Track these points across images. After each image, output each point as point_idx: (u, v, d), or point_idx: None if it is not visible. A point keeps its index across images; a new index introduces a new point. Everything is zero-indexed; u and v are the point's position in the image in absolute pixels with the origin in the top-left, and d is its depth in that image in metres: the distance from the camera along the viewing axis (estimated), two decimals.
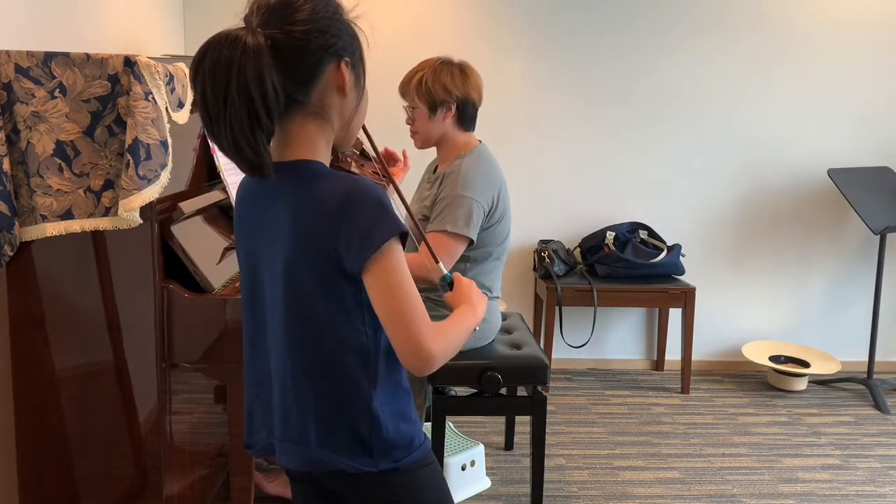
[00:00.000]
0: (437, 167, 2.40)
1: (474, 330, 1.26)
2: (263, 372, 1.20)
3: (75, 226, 1.64)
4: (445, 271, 1.35)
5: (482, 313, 1.28)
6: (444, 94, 2.23)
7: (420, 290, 1.13)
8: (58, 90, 1.60)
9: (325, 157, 1.14)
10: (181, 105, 1.77)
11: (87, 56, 1.61)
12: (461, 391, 2.75)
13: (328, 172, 1.11)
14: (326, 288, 1.10)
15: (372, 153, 1.32)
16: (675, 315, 3.71)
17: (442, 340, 1.11)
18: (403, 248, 1.11)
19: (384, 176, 1.34)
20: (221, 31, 1.05)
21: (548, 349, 3.47)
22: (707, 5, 3.63)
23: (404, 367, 1.15)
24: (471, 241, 2.20)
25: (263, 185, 1.14)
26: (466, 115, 2.30)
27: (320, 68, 1.09)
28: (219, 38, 1.03)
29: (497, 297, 2.44)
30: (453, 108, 2.26)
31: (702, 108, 3.70)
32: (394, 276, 1.07)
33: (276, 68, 1.03)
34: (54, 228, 1.63)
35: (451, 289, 1.32)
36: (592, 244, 3.61)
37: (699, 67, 3.66)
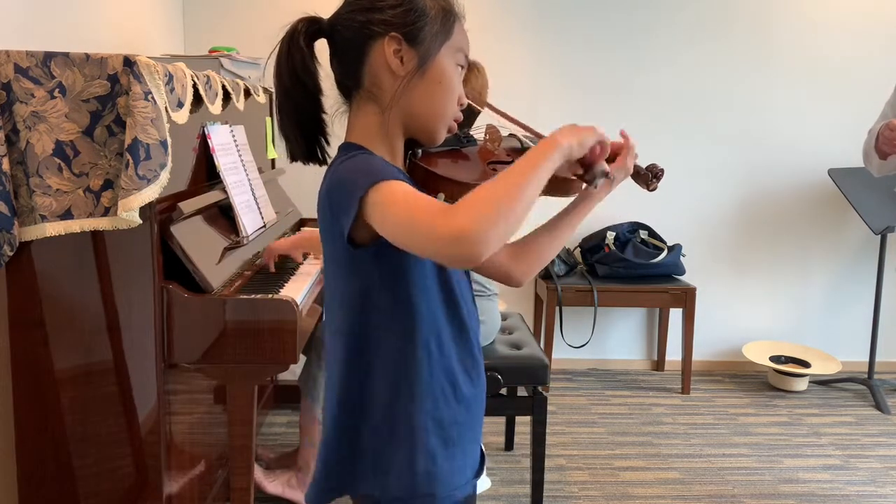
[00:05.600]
0: None
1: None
2: None
3: (75, 226, 1.64)
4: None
5: (563, 138, 0.97)
6: None
7: None
8: (57, 90, 1.60)
9: (376, 143, 1.07)
10: (181, 105, 1.77)
11: (87, 56, 1.61)
12: None
13: (351, 154, 1.03)
14: (337, 262, 1.06)
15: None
16: (675, 315, 3.71)
17: (466, 207, 0.87)
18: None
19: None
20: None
21: (548, 349, 3.47)
22: (708, 5, 3.62)
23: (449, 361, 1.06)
24: None
25: None
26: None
27: (363, 47, 1.04)
28: None
29: (495, 294, 2.44)
30: None
31: (702, 108, 3.70)
32: (384, 206, 0.93)
33: (333, 56, 1.07)
34: (54, 228, 1.62)
35: None
36: (592, 244, 3.61)
37: (700, 67, 3.66)
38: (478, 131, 1.22)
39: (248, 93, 2.42)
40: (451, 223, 0.86)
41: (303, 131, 1.08)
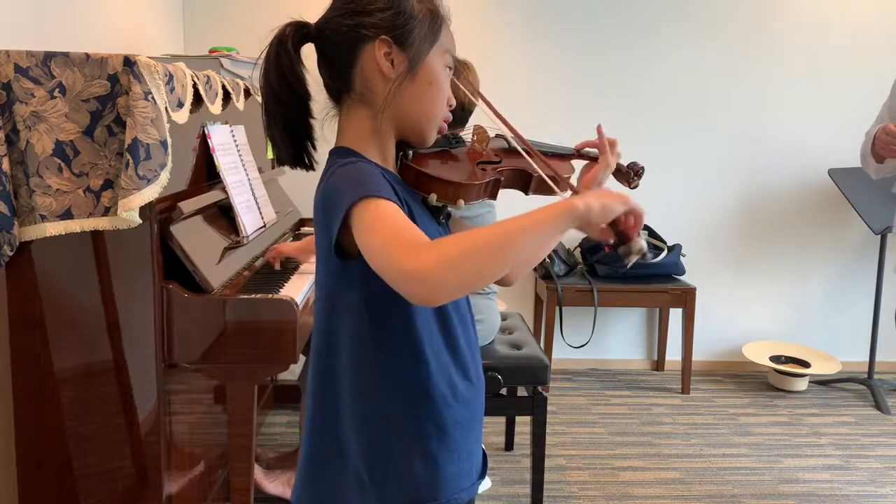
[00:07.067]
0: None
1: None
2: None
3: (75, 226, 1.64)
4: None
5: (582, 201, 0.91)
6: None
7: None
8: (57, 90, 1.60)
9: (369, 146, 1.07)
10: (181, 105, 1.77)
11: (87, 56, 1.61)
12: None
13: (345, 162, 1.02)
14: (328, 271, 1.05)
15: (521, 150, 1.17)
16: (675, 315, 3.71)
17: (438, 248, 0.86)
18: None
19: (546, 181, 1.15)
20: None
21: (548, 349, 3.47)
22: (709, 5, 3.62)
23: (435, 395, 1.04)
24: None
25: None
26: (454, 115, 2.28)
27: (353, 50, 1.04)
28: None
29: (494, 293, 2.44)
30: None
31: (702, 108, 3.70)
32: (364, 223, 0.93)
33: (322, 60, 1.07)
34: (54, 228, 1.62)
35: None
36: (592, 244, 3.61)
37: (700, 67, 3.66)
38: (466, 132, 1.23)
39: (248, 93, 2.42)
40: (415, 259, 0.85)
41: (291, 136, 1.08)
